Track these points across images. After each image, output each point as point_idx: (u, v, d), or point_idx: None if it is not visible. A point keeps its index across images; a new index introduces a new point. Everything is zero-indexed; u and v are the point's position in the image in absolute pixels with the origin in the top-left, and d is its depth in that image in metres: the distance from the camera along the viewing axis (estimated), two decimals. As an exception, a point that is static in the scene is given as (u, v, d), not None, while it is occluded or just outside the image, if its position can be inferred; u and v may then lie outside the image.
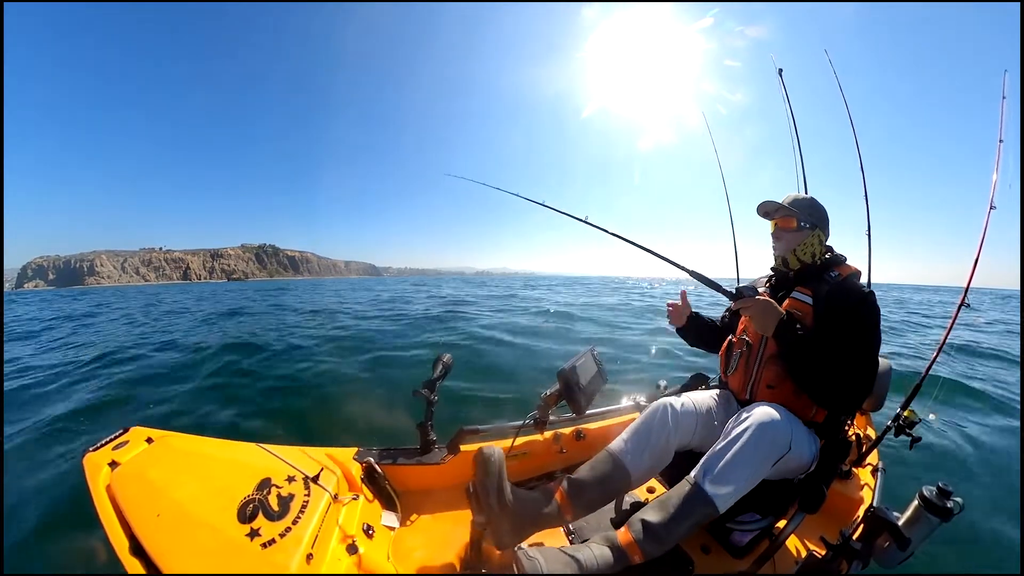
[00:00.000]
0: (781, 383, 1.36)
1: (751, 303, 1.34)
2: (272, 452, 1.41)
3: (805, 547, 1.50)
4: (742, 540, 1.41)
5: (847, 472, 1.78)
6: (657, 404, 1.44)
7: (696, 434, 1.43)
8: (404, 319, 9.48)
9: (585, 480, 1.31)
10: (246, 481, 1.22)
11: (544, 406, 1.63)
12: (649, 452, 1.35)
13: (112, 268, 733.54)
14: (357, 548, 1.23)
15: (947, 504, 1.18)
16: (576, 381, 1.54)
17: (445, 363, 1.70)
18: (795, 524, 1.31)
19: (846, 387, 1.22)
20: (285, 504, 1.18)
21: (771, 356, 1.39)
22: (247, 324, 9.50)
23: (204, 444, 1.42)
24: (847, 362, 1.21)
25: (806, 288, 1.41)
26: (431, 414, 1.70)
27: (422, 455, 1.70)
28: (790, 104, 2.37)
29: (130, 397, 4.15)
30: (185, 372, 5.03)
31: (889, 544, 1.21)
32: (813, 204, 1.46)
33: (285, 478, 1.28)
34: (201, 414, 3.65)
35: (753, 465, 1.14)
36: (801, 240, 1.45)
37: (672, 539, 1.12)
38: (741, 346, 1.52)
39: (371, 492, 1.53)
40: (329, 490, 1.30)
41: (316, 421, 3.53)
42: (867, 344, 1.24)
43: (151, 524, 1.06)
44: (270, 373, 4.86)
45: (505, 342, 6.43)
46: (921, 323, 10.83)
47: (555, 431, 1.89)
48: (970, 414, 3.80)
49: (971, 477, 2.73)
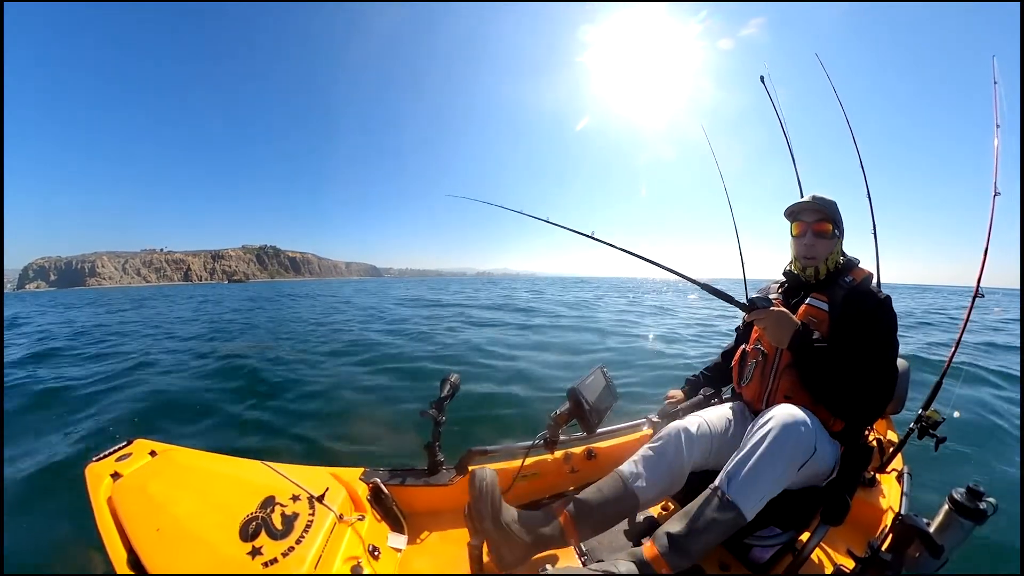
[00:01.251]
0: (799, 393, 1.30)
1: (764, 315, 1.28)
2: (276, 470, 1.39)
3: (831, 561, 1.42)
4: (763, 556, 1.33)
5: (871, 479, 1.68)
6: (671, 428, 1.38)
7: (712, 453, 1.37)
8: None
9: (591, 502, 1.27)
10: (249, 498, 1.21)
11: (554, 425, 1.59)
12: (661, 477, 1.30)
13: (113, 269, 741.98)
14: (362, 569, 1.19)
15: (979, 506, 1.12)
16: (586, 399, 1.52)
17: (453, 383, 1.68)
18: (819, 537, 1.23)
19: (866, 398, 1.18)
20: (289, 523, 1.16)
21: (787, 365, 1.33)
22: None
23: (207, 460, 1.42)
24: (866, 372, 1.16)
25: (821, 294, 1.36)
26: (439, 435, 1.67)
27: (430, 476, 1.66)
28: (777, 108, 2.38)
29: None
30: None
31: (921, 553, 1.13)
32: (837, 207, 1.39)
33: (289, 496, 1.25)
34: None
35: (779, 467, 1.09)
36: (832, 249, 1.39)
37: (699, 550, 1.07)
38: (756, 356, 1.45)
39: (378, 513, 1.49)
40: (334, 510, 1.27)
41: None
42: (886, 351, 1.20)
43: (150, 538, 1.05)
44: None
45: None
46: (930, 322, 10.66)
47: (566, 451, 1.85)
48: (997, 402, 3.69)
49: (1004, 474, 2.61)
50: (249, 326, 10.56)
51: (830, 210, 1.37)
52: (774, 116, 2.41)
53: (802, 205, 1.41)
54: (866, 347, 1.19)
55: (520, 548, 1.20)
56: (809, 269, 1.41)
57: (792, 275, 1.49)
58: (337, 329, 9.38)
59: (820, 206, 1.37)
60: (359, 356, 6.17)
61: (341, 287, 50.92)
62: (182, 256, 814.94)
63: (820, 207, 1.37)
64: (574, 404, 1.52)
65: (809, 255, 1.40)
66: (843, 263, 1.42)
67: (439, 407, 1.63)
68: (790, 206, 1.45)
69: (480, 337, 7.71)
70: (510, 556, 1.19)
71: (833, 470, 1.26)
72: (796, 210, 1.43)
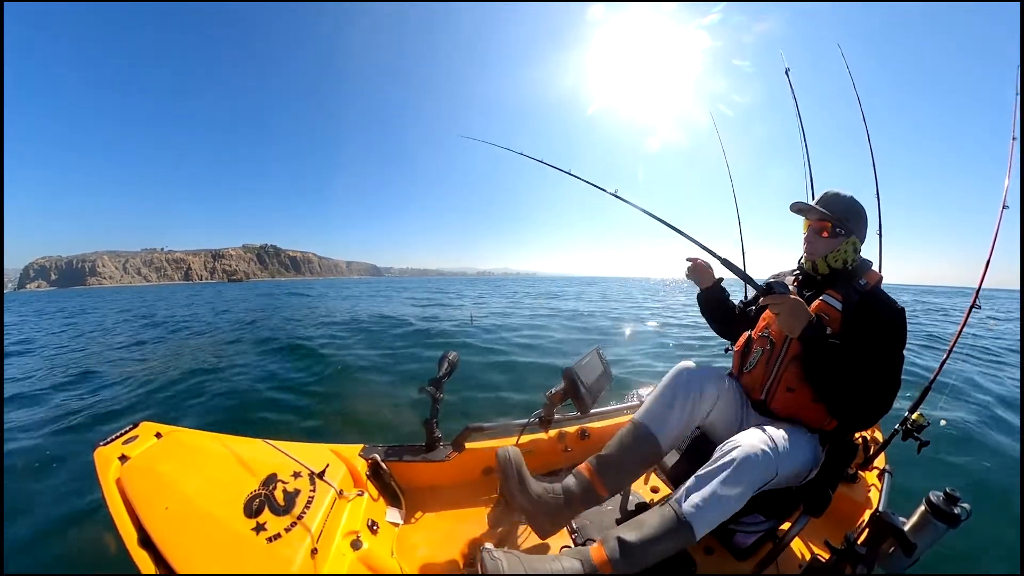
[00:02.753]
0: (801, 386, 1.31)
1: (781, 300, 1.23)
2: (279, 448, 1.43)
3: (809, 550, 1.49)
4: (746, 542, 1.40)
5: (853, 476, 1.76)
6: (679, 366, 1.42)
7: (715, 409, 1.41)
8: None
9: (613, 454, 1.32)
10: (253, 476, 1.25)
11: (549, 404, 1.63)
12: (675, 414, 1.34)
13: (114, 269, 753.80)
14: (361, 544, 1.24)
15: (954, 510, 1.17)
16: (581, 380, 1.54)
17: (451, 361, 1.70)
18: (799, 527, 1.29)
19: (866, 404, 1.18)
20: (291, 499, 1.20)
21: (794, 357, 1.33)
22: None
23: (212, 440, 1.45)
24: (871, 378, 1.17)
25: (836, 293, 1.34)
26: (437, 411, 1.71)
27: (427, 452, 1.71)
28: (797, 103, 2.35)
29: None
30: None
31: (894, 549, 1.19)
32: (852, 207, 1.37)
33: (291, 474, 1.30)
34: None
35: (735, 495, 1.11)
36: (834, 247, 1.37)
37: (647, 561, 1.10)
38: (763, 343, 1.44)
39: (376, 489, 1.54)
40: (334, 486, 1.32)
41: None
42: (894, 362, 1.20)
43: (159, 517, 1.08)
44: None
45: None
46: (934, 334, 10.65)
47: (560, 429, 1.90)
48: (981, 416, 3.75)
49: (982, 483, 2.69)
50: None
51: (835, 210, 1.36)
52: (782, 110, 2.38)
53: (798, 205, 1.42)
54: (875, 354, 1.19)
55: (557, 513, 1.24)
56: (807, 263, 1.43)
57: (804, 269, 1.48)
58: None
59: (812, 207, 1.38)
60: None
61: (381, 285, 48.26)
62: (182, 255, 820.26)
63: (812, 207, 1.38)
64: (569, 384, 1.54)
65: (808, 251, 1.42)
66: (858, 264, 1.39)
67: (437, 384, 1.65)
68: (795, 203, 1.44)
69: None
70: (550, 524, 1.24)
71: (810, 472, 1.29)
72: (801, 208, 1.43)
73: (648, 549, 1.09)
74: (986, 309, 16.92)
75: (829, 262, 1.38)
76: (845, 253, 1.37)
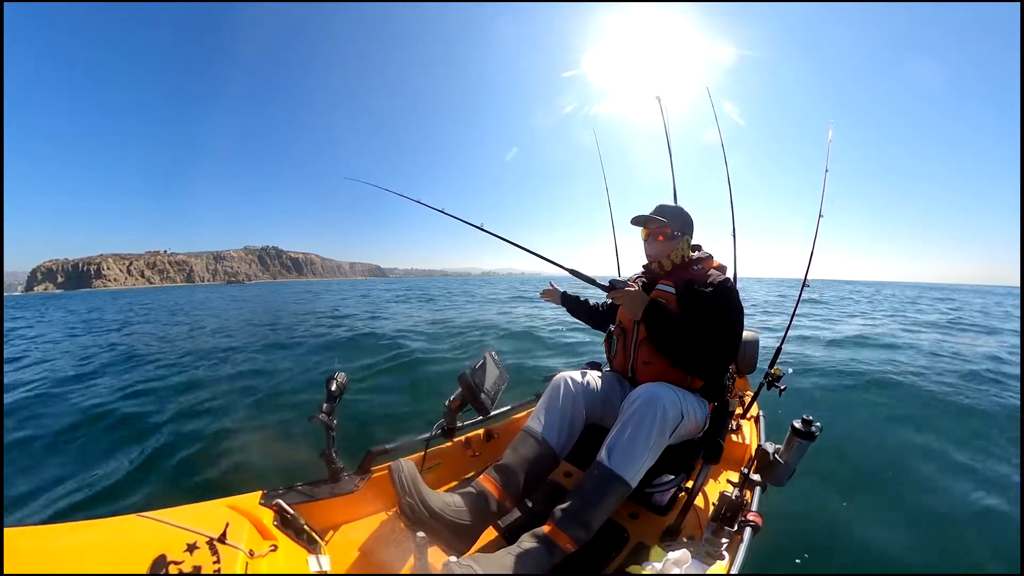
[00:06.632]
0: (656, 359, 1.52)
1: (622, 293, 1.51)
2: (160, 519, 1.12)
3: (717, 491, 1.68)
4: (663, 499, 1.55)
5: (736, 426, 2.05)
6: (556, 378, 1.54)
7: (600, 406, 1.54)
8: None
9: (512, 464, 1.34)
10: (134, 566, 0.95)
11: (450, 413, 1.60)
12: (561, 422, 1.43)
13: (118, 271, 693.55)
14: None
15: (811, 429, 1.43)
16: (478, 383, 1.55)
17: (340, 383, 1.54)
18: (704, 475, 1.46)
19: (708, 356, 1.38)
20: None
21: (644, 338, 1.56)
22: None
23: (66, 532, 1.06)
24: (708, 335, 1.38)
25: (668, 280, 1.59)
26: (333, 440, 1.53)
27: (333, 484, 1.54)
28: (666, 125, 2.78)
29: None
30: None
31: (777, 467, 1.44)
32: (680, 213, 1.63)
33: (184, 548, 1.02)
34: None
35: (652, 438, 1.23)
36: (674, 247, 1.61)
37: (596, 520, 1.17)
38: (618, 332, 1.69)
39: (289, 538, 1.32)
40: (242, 548, 1.09)
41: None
42: (724, 319, 1.42)
43: None
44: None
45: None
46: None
47: (465, 435, 1.88)
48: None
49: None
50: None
51: (670, 217, 1.60)
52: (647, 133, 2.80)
53: (640, 219, 1.64)
54: (707, 316, 1.42)
55: (464, 531, 1.19)
56: (654, 264, 1.66)
57: (650, 268, 1.71)
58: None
59: (652, 217, 1.60)
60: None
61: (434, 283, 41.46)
62: (185, 258, 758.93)
63: (652, 218, 1.60)
64: (466, 389, 1.53)
65: (651, 254, 1.66)
66: (692, 256, 1.64)
67: (329, 411, 1.49)
68: (636, 217, 1.65)
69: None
70: (457, 541, 1.18)
71: (704, 424, 1.50)
72: (636, 222, 1.67)
73: (592, 510, 1.16)
74: (813, 291, 22.12)
75: (672, 259, 1.63)
76: (682, 249, 1.63)
